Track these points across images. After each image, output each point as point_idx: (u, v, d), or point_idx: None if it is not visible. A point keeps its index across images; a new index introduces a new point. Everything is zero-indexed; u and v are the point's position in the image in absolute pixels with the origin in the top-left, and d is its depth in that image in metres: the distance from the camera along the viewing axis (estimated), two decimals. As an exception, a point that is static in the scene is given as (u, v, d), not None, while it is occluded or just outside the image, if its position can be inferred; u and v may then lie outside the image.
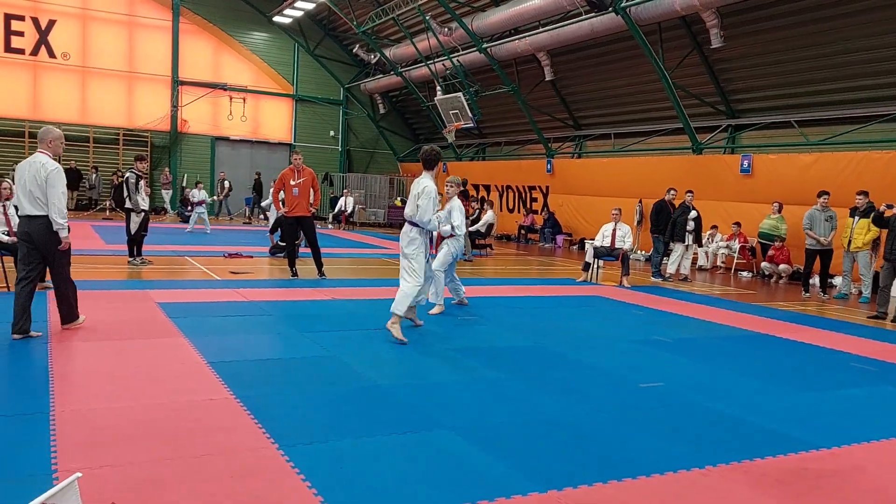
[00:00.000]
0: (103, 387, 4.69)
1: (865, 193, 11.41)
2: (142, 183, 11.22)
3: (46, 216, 5.89)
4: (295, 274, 10.59)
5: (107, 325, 6.60)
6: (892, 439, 4.48)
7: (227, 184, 24.34)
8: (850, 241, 11.46)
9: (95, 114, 24.67)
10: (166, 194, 24.97)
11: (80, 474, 2.33)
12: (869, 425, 4.74)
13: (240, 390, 4.73)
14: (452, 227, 8.36)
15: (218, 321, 7.08)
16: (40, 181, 5.84)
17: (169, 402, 4.41)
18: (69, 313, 6.35)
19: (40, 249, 5.99)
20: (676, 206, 13.37)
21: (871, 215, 10.39)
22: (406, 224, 7.04)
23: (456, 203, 8.55)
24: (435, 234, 7.43)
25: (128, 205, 11.11)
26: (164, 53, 25.55)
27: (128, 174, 11.18)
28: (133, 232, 11.13)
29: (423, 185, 6.95)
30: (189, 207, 22.41)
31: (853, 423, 4.79)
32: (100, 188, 24.18)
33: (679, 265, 13.34)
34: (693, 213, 13.12)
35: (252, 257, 13.17)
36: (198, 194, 19.18)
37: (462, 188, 15.14)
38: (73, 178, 23.83)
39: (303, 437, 3.93)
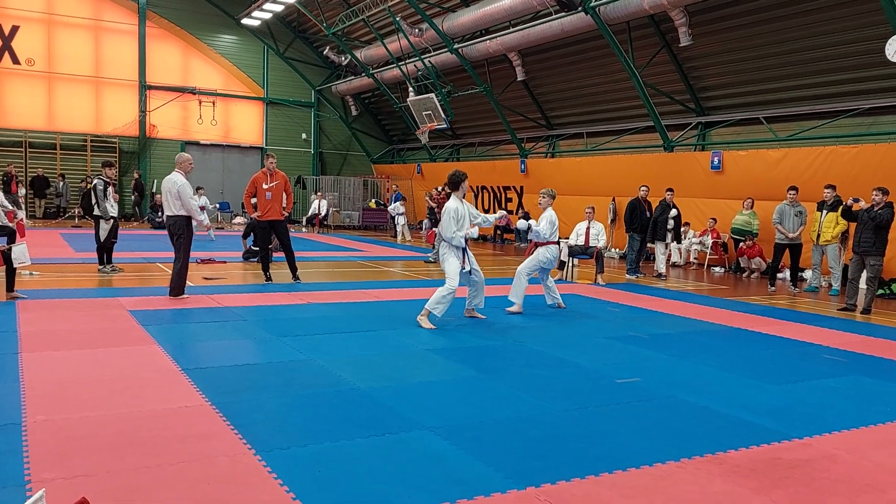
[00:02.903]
0: (76, 396, 4.61)
1: (833, 187, 11.62)
2: (110, 189, 11.05)
3: (177, 215, 8.68)
4: (269, 278, 10.51)
5: (78, 333, 6.50)
6: (863, 428, 4.56)
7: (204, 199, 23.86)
8: (818, 235, 11.66)
9: (62, 120, 24.28)
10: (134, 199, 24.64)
11: (44, 490, 2.29)
12: (840, 415, 4.83)
13: (215, 397, 4.68)
14: (536, 233, 8.89)
15: (192, 328, 7.00)
16: (174, 192, 8.67)
17: (143, 411, 4.36)
18: (178, 286, 8.70)
19: (173, 237, 8.76)
20: (650, 203, 13.49)
21: (840, 209, 10.57)
22: None
23: (547, 213, 8.96)
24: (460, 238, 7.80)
25: (96, 212, 10.93)
26: (130, 58, 25.22)
27: (95, 181, 11.01)
28: (103, 239, 10.96)
29: (447, 205, 7.77)
30: (159, 213, 22.15)
31: (825, 413, 4.87)
32: (67, 195, 23.79)
33: (662, 262, 13.39)
34: (674, 212, 13.20)
35: (225, 262, 13.05)
36: (198, 200, 18.93)
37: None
38: (41, 186, 23.44)
39: (280, 442, 3.90)
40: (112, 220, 11.01)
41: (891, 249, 12.04)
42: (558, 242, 9.21)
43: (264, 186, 10.31)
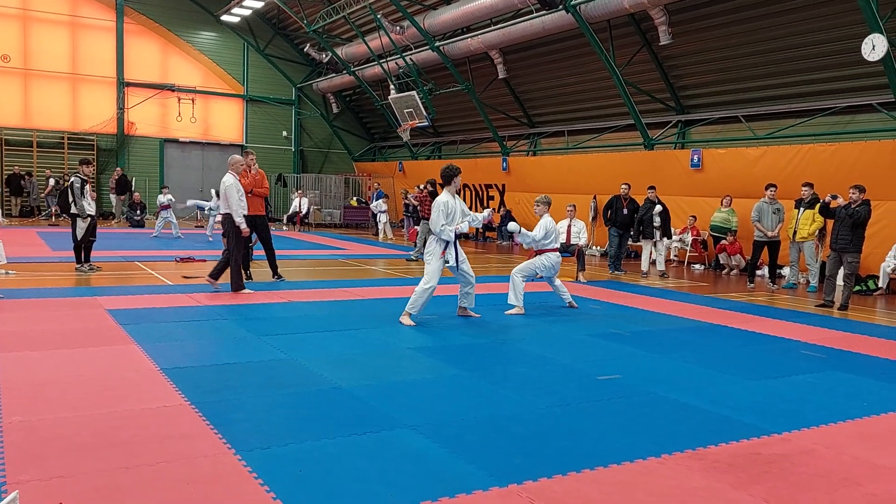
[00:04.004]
0: (52, 396, 4.55)
1: (811, 185, 11.75)
2: (87, 187, 10.91)
3: (227, 213, 9.13)
4: (248, 277, 10.43)
5: (55, 333, 6.41)
6: (840, 423, 4.62)
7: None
8: (795, 232, 11.79)
9: (38, 117, 23.96)
10: (115, 198, 24.36)
11: (17, 492, 2.25)
12: (818, 410, 4.88)
13: (195, 396, 4.64)
14: (528, 240, 8.92)
15: (171, 327, 6.93)
16: (222, 192, 9.12)
17: (122, 411, 4.31)
18: (235, 283, 9.19)
19: (226, 233, 9.35)
20: (630, 200, 13.56)
21: (818, 206, 10.69)
22: None
23: (542, 221, 8.93)
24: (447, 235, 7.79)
25: (73, 210, 10.79)
26: (108, 54, 24.94)
27: (72, 178, 10.86)
28: (80, 237, 10.81)
29: (438, 199, 7.73)
30: (138, 212, 21.93)
31: (803, 408, 4.93)
32: (34, 193, 23.38)
33: (652, 260, 13.41)
34: (658, 209, 13.23)
35: (205, 261, 12.94)
36: (162, 198, 18.76)
37: (432, 188, 15.13)
38: (17, 185, 23.09)
39: (261, 441, 3.87)
40: (89, 219, 10.87)
41: (867, 246, 12.21)
42: (559, 250, 9.13)
43: (243, 181, 10.23)
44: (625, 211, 13.52)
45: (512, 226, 9.03)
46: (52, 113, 24.14)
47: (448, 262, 7.74)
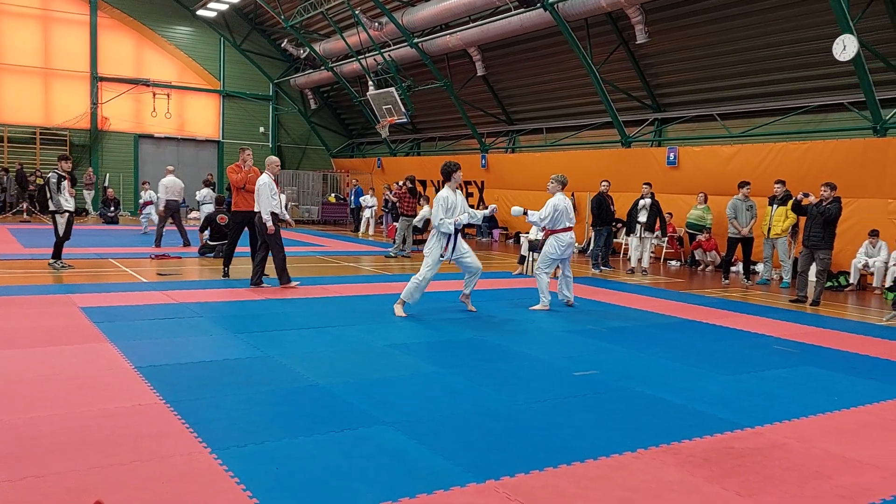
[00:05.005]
0: (26, 395, 4.48)
1: (783, 182, 11.92)
2: (65, 183, 10.72)
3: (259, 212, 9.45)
4: (226, 274, 10.35)
5: (28, 331, 6.31)
6: (812, 417, 4.70)
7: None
8: (769, 229, 11.96)
9: (9, 112, 23.54)
10: (88, 195, 24.04)
11: None
12: (790, 404, 4.96)
13: (170, 395, 4.60)
14: (532, 219, 8.92)
15: (145, 325, 6.86)
16: (257, 190, 9.46)
17: (96, 410, 4.26)
18: (281, 276, 9.59)
19: (258, 232, 9.56)
20: (611, 197, 13.67)
21: (790, 203, 10.85)
22: None
23: (552, 199, 8.78)
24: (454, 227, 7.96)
25: (51, 206, 10.62)
26: (81, 49, 24.57)
27: (50, 174, 10.70)
28: (63, 233, 10.64)
29: (438, 193, 7.98)
30: (112, 208, 21.65)
31: (776, 403, 5.00)
32: (10, 190, 22.97)
33: (635, 256, 13.43)
34: (642, 202, 13.20)
35: (181, 258, 12.82)
36: (144, 195, 18.52)
37: (411, 185, 15.09)
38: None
39: (237, 439, 3.85)
40: (67, 214, 10.68)
41: (838, 243, 12.41)
42: (571, 229, 8.97)
43: (235, 177, 10.17)
44: (612, 208, 13.62)
45: (515, 210, 9.02)
46: (23, 107, 23.72)
47: (443, 257, 7.94)
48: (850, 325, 8.55)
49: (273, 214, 9.44)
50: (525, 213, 8.87)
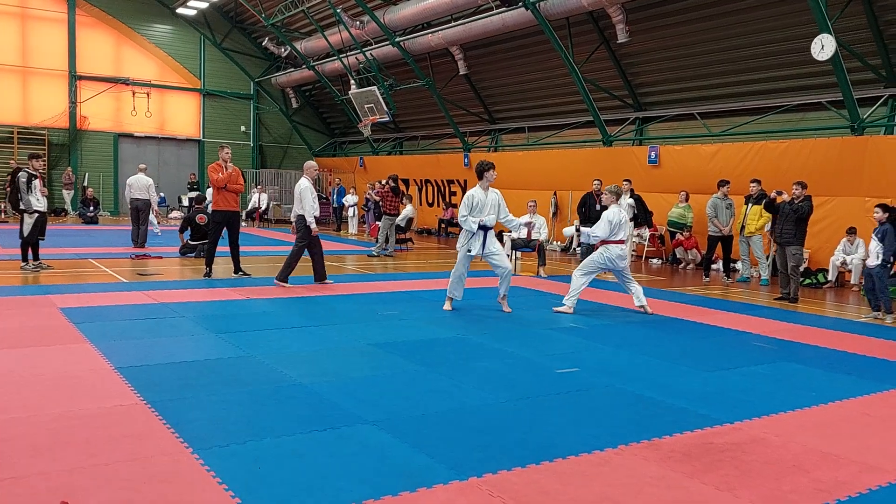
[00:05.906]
0: (5, 397, 4.44)
1: (758, 181, 12.05)
2: (36, 182, 10.52)
3: (300, 214, 9.92)
4: (209, 273, 10.29)
5: (6, 332, 6.24)
6: (790, 412, 4.76)
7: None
8: (743, 227, 12.10)
9: (-14, 111, 23.22)
10: (67, 195, 23.77)
11: None
12: (769, 400, 5.03)
13: (151, 395, 4.57)
14: (587, 236, 8.90)
15: (126, 325, 6.81)
16: (297, 194, 10.04)
17: (76, 411, 4.22)
18: (319, 273, 10.13)
19: (297, 233, 9.98)
20: (600, 197, 13.70)
21: (763, 202, 10.99)
22: None
23: (607, 212, 8.48)
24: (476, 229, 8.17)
25: (21, 206, 10.45)
26: (60, 47, 24.26)
27: (20, 173, 10.49)
28: (26, 234, 10.40)
29: (468, 192, 8.18)
30: (91, 208, 21.42)
31: (755, 398, 5.06)
32: None
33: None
34: (624, 200, 13.24)
35: (161, 258, 12.73)
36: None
37: (394, 184, 15.06)
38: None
39: (219, 439, 3.84)
40: (37, 215, 10.49)
41: (816, 241, 12.57)
42: (624, 242, 8.64)
43: (217, 176, 10.13)
44: (598, 207, 13.66)
45: (567, 230, 8.97)
46: (0, 107, 23.40)
47: (471, 252, 8.05)
48: (828, 321, 8.67)
49: (303, 216, 9.91)
50: (577, 232, 8.78)
